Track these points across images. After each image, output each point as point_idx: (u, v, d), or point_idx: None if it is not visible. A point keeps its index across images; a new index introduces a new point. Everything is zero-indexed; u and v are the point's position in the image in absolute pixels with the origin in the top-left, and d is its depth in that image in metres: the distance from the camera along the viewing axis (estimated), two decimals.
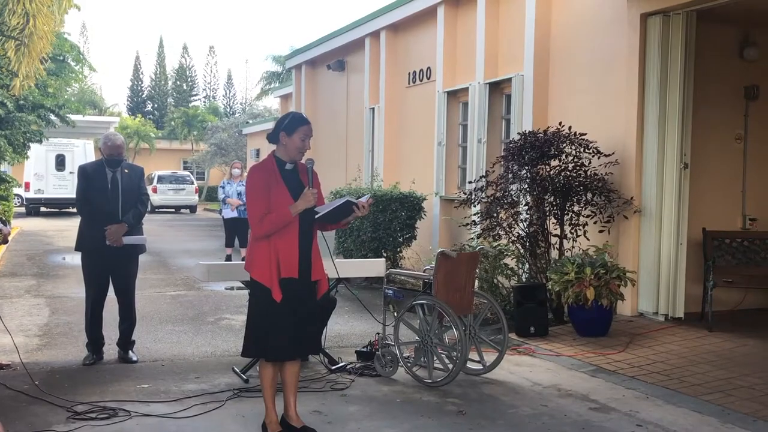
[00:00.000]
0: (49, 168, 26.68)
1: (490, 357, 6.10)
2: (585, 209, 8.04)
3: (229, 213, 12.75)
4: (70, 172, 26.01)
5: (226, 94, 67.51)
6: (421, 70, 12.84)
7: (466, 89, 11.21)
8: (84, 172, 6.41)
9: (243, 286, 6.17)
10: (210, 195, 38.79)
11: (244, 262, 4.66)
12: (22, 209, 27.42)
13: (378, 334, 6.23)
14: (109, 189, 6.30)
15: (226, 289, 10.48)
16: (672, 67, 7.81)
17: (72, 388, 5.53)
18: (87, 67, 15.92)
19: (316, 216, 4.51)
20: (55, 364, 6.32)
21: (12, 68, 6.48)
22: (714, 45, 8.37)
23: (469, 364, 6.04)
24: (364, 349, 6.35)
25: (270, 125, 25.14)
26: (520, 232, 8.33)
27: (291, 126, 4.52)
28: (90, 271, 6.38)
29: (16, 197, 24.88)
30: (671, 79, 7.81)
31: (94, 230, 6.24)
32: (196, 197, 32.42)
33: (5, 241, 5.89)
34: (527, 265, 8.46)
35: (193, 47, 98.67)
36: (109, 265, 6.34)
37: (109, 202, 6.27)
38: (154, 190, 29.74)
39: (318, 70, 17.92)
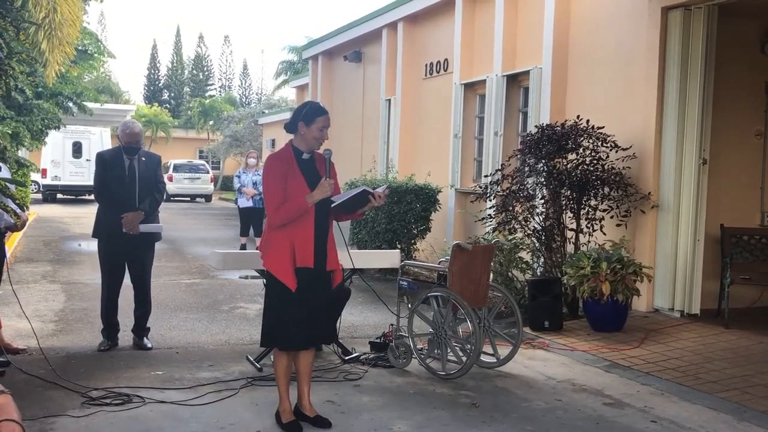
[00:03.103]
0: (65, 155, 26.81)
1: (503, 350, 6.09)
2: (602, 203, 7.99)
3: (244, 202, 12.78)
4: (87, 160, 26.13)
5: (241, 84, 67.62)
6: (438, 62, 12.78)
7: (484, 81, 11.15)
8: (102, 159, 6.44)
9: (258, 275, 6.17)
10: (225, 184, 38.89)
11: (258, 251, 4.67)
12: (39, 196, 27.60)
13: (392, 325, 6.23)
14: (126, 176, 6.32)
15: (240, 278, 10.51)
16: (692, 62, 7.73)
17: (87, 373, 5.57)
18: (106, 54, 15.97)
19: (332, 205, 4.50)
20: (71, 349, 6.37)
21: (44, 58, 6.53)
22: (735, 40, 8.28)
23: (483, 357, 6.03)
24: (378, 340, 6.35)
25: (286, 115, 25.28)
26: (536, 225, 8.29)
27: (309, 116, 4.51)
28: (106, 257, 6.41)
29: (32, 183, 25.05)
30: (691, 73, 7.74)
31: (111, 217, 6.26)
32: (212, 186, 32.51)
33: (23, 227, 5.92)
34: (542, 259, 8.42)
35: (209, 36, 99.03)
36: (126, 253, 6.37)
37: (126, 190, 6.29)
38: (170, 179, 29.83)
39: (335, 61, 17.89)
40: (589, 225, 8.01)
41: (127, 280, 6.52)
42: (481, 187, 8.89)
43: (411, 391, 5.41)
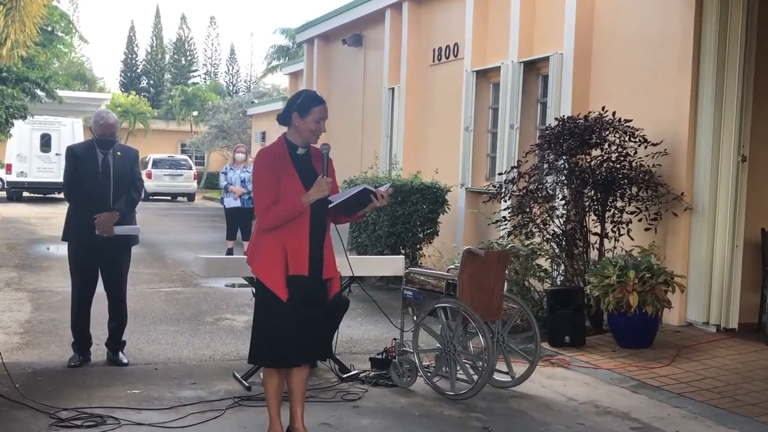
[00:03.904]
0: (33, 149, 26.84)
1: (519, 368, 6.09)
2: (629, 205, 7.99)
3: (232, 202, 12.79)
4: (57, 154, 26.15)
5: (228, 70, 67.77)
6: (448, 47, 12.79)
7: (498, 69, 11.15)
8: (73, 153, 6.44)
9: (246, 283, 6.17)
10: (210, 182, 38.91)
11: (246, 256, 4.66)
12: (3, 194, 27.64)
13: (395, 339, 6.23)
14: (100, 173, 6.32)
15: (226, 286, 10.51)
16: (731, 48, 7.72)
17: (56, 392, 5.58)
18: (78, 38, 16.00)
19: (330, 205, 4.49)
20: (38, 365, 6.37)
21: (1, 35, 6.52)
22: None
23: (496, 376, 6.02)
24: (379, 356, 6.35)
25: (277, 105, 25.33)
26: (556, 229, 8.29)
27: (304, 106, 4.51)
28: (77, 263, 6.41)
29: None
30: (729, 60, 7.73)
31: (82, 218, 6.26)
32: (195, 184, 32.55)
33: None
34: (563, 267, 8.42)
35: (192, 18, 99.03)
36: (99, 257, 6.37)
37: (99, 188, 6.29)
38: (149, 176, 29.83)
39: (332, 45, 17.90)
40: (614, 229, 8.00)
41: (100, 288, 6.52)
42: (494, 186, 8.89)
43: (416, 413, 5.41)
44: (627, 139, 8.02)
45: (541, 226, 8.27)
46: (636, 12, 8.85)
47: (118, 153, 6.45)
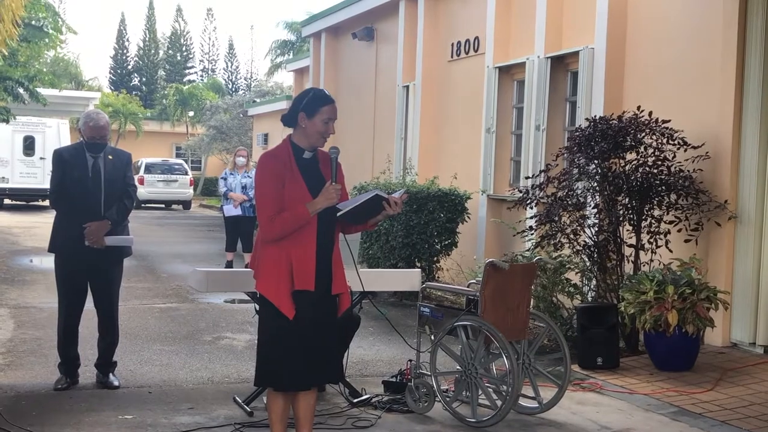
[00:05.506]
0: (15, 152, 26.99)
1: (547, 393, 6.09)
2: (667, 214, 7.97)
3: (232, 210, 12.83)
4: (41, 158, 26.32)
5: (227, 66, 68.11)
6: (468, 41, 12.81)
7: (523, 64, 11.17)
8: (60, 158, 6.48)
9: (249, 298, 6.19)
10: (208, 188, 39.10)
11: (248, 269, 4.68)
12: None
13: (410, 361, 6.23)
14: (89, 179, 6.36)
15: (225, 302, 10.55)
16: None
17: (40, 417, 5.60)
18: (65, 29, 16.10)
19: (339, 213, 4.51)
20: (21, 388, 6.40)
21: None
22: None
23: (522, 401, 6.02)
24: (394, 379, 6.36)
25: (281, 105, 25.41)
26: (587, 240, 8.29)
27: (312, 106, 4.53)
28: (65, 277, 6.44)
29: None
30: None
31: (70, 228, 6.30)
32: (191, 190, 32.65)
33: None
34: (595, 282, 8.41)
35: (189, 9, 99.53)
36: (88, 271, 6.40)
37: (89, 195, 6.33)
38: (141, 182, 29.98)
39: (341, 39, 17.96)
40: (651, 240, 7.99)
41: (89, 304, 6.55)
42: (520, 191, 8.89)
43: None
44: (665, 141, 8.01)
45: (571, 236, 8.27)
46: (675, 2, 8.85)
47: (110, 157, 6.49)
